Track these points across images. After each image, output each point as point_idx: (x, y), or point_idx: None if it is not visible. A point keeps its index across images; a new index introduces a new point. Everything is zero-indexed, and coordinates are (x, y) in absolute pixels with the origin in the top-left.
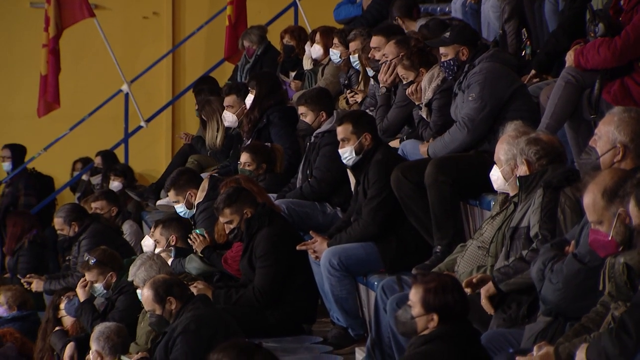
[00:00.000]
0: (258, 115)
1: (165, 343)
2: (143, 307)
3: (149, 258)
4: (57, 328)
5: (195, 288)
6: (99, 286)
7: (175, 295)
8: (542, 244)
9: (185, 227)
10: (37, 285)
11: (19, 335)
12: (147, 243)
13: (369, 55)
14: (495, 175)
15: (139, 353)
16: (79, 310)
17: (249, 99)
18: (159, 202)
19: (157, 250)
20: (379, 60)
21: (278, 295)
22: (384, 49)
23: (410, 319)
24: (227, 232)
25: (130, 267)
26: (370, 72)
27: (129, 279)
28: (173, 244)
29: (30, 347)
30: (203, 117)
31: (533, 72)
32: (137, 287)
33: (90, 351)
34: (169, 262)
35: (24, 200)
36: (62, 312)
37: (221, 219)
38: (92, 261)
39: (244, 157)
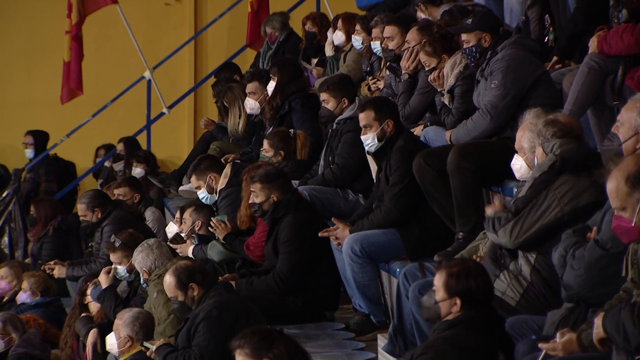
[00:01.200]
0: (280, 102)
1: (187, 329)
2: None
3: (149, 246)
4: (83, 314)
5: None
6: (122, 269)
7: (198, 281)
8: (507, 216)
9: (212, 215)
10: (59, 271)
11: (42, 322)
12: (171, 229)
13: (383, 45)
14: (518, 164)
15: (162, 340)
16: (102, 296)
17: (271, 85)
18: (181, 188)
19: (174, 231)
20: (392, 50)
21: (299, 282)
22: (407, 36)
23: (434, 304)
24: (250, 201)
25: (135, 255)
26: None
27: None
28: (197, 229)
29: (53, 333)
30: (225, 103)
31: (555, 58)
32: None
33: (118, 335)
34: (191, 249)
35: (44, 187)
36: (88, 298)
37: (251, 188)
38: (117, 243)
39: (264, 144)
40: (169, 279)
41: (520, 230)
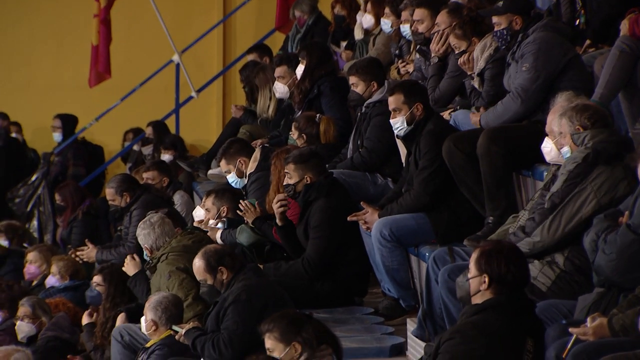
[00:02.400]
0: (309, 85)
1: (216, 313)
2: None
3: (151, 224)
4: (86, 320)
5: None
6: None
7: (227, 265)
8: (543, 212)
9: (237, 199)
10: (89, 254)
11: (71, 305)
12: (198, 213)
13: (412, 28)
14: (548, 147)
15: (190, 322)
16: (133, 281)
17: (300, 69)
18: (210, 172)
19: (209, 222)
20: (422, 33)
21: (327, 267)
22: (437, 19)
23: (465, 281)
24: (284, 183)
25: (138, 232)
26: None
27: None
28: (224, 215)
29: (82, 317)
30: (256, 83)
31: (588, 41)
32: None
33: (144, 319)
34: (219, 233)
35: (72, 170)
36: None
37: (285, 169)
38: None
39: (292, 127)
40: (198, 262)
41: (559, 225)
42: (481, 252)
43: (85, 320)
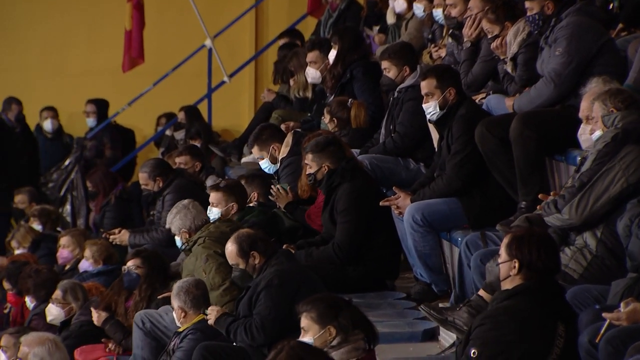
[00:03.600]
0: (341, 70)
1: (248, 298)
2: None
3: (184, 207)
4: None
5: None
6: (216, 211)
7: (259, 250)
8: (572, 191)
9: (267, 184)
10: (122, 238)
11: (104, 290)
12: None
13: (445, 13)
14: (585, 133)
15: (217, 309)
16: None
17: (332, 54)
18: (243, 160)
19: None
20: (455, 17)
21: (358, 251)
22: (469, 3)
23: (495, 266)
24: (307, 172)
25: (167, 216)
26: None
27: (166, 226)
28: (255, 200)
29: (115, 301)
30: (290, 68)
31: (621, 25)
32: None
33: (173, 307)
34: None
35: (110, 154)
36: None
37: (305, 159)
38: (221, 184)
39: (324, 112)
40: (230, 247)
41: (587, 204)
42: (512, 237)
43: (96, 318)
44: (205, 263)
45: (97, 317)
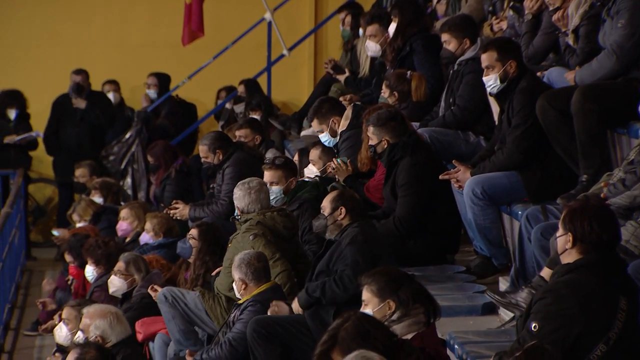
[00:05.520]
0: (401, 43)
1: (330, 254)
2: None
3: (248, 188)
4: None
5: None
6: (277, 189)
7: (348, 207)
8: None
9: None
10: (182, 212)
11: (165, 262)
12: (312, 169)
13: None
14: None
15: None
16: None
17: (392, 27)
18: (303, 133)
19: (313, 173)
20: None
21: (419, 225)
22: None
23: (554, 240)
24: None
25: (235, 190)
26: None
27: (230, 195)
28: (330, 169)
29: (176, 274)
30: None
31: None
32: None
33: (235, 279)
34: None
35: (160, 122)
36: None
37: (366, 132)
38: (277, 161)
39: (383, 86)
40: (326, 202)
41: None
42: (568, 209)
43: (153, 294)
44: (252, 240)
45: (153, 293)
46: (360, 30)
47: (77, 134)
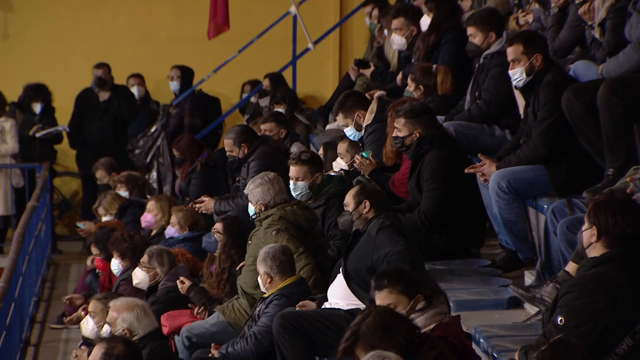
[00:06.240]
0: (435, 39)
1: (360, 247)
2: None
3: (269, 180)
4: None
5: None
6: (302, 184)
7: (372, 201)
8: None
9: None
10: (207, 206)
11: (190, 256)
12: (340, 163)
13: None
14: None
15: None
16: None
17: (425, 21)
18: (328, 127)
19: (341, 166)
20: None
21: (444, 218)
22: None
23: (579, 234)
24: (393, 135)
25: (249, 183)
26: None
27: (245, 191)
28: (357, 162)
29: (201, 267)
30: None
31: None
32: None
33: (260, 273)
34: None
35: (188, 121)
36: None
37: (395, 122)
38: (303, 156)
39: (408, 79)
40: (349, 196)
41: None
42: (593, 204)
43: (181, 287)
44: (275, 235)
45: (181, 286)
46: (382, 25)
47: (100, 128)
